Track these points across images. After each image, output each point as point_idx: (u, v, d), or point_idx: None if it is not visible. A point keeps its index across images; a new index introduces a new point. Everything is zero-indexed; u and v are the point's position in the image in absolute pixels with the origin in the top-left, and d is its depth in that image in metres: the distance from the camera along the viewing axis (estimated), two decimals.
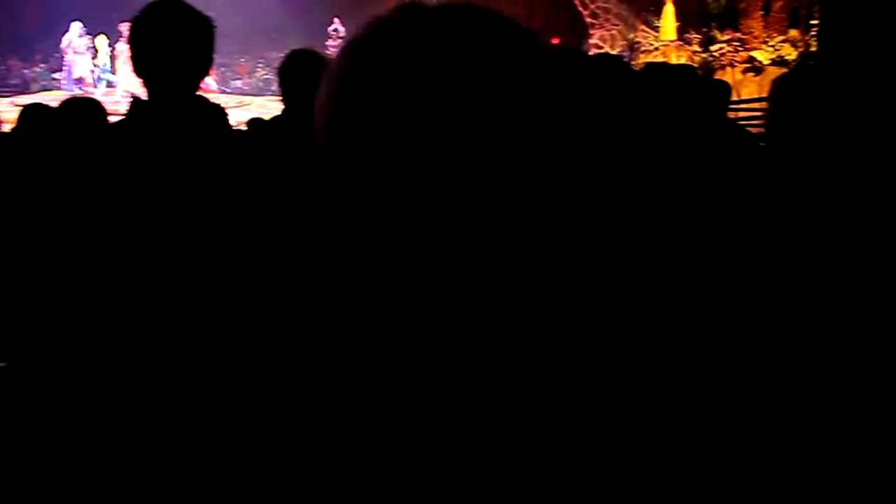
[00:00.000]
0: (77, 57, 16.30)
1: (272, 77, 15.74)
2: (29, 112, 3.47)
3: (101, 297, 1.76)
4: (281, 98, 2.70)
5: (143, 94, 1.90)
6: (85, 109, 3.43)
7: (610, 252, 1.73)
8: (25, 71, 17.33)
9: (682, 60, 13.90)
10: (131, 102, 1.89)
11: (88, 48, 16.39)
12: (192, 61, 1.87)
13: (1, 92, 16.35)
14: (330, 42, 16.79)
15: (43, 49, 17.42)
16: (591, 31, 15.51)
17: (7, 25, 17.13)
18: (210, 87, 13.87)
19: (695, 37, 14.64)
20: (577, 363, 0.64)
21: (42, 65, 17.49)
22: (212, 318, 1.72)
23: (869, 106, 1.85)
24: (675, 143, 2.67)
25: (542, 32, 19.10)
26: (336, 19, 17.43)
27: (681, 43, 14.73)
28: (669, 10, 14.74)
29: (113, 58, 16.43)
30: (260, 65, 17.87)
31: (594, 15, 15.37)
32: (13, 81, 17.20)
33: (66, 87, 16.12)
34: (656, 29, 15.16)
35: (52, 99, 13.42)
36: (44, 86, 16.85)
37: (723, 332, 1.53)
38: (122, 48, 15.74)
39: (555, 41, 17.94)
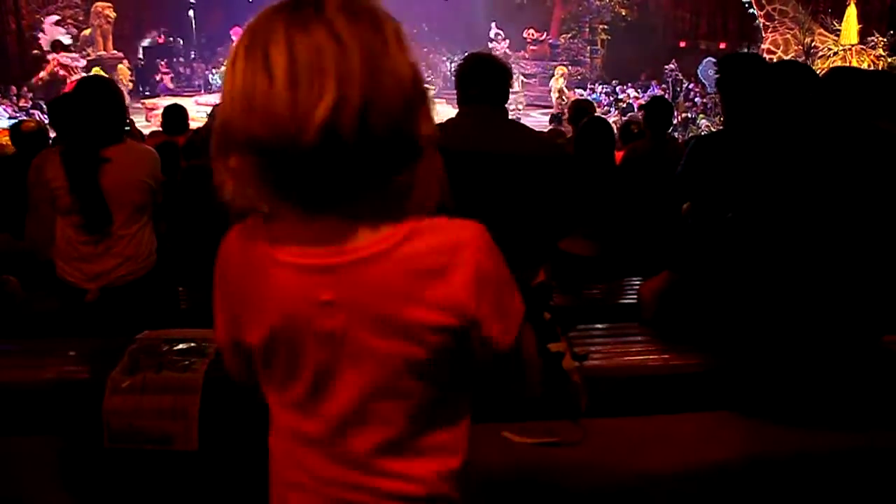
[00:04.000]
0: None
1: (432, 79, 16.17)
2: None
3: None
4: (456, 98, 2.74)
5: None
6: None
7: None
8: (208, 73, 18.60)
9: (864, 65, 12.98)
10: None
11: None
12: None
13: (186, 93, 17.67)
14: (492, 45, 17.28)
15: (225, 52, 18.64)
16: (765, 35, 14.74)
17: (195, 29, 18.47)
18: None
19: (880, 40, 13.60)
20: None
21: (223, 67, 18.72)
22: None
23: None
24: (870, 151, 2.50)
25: (709, 37, 18.46)
26: (493, 24, 18.04)
27: (863, 47, 13.74)
28: (852, 12, 13.77)
29: None
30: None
31: (769, 17, 14.59)
32: (196, 82, 18.52)
33: None
34: (835, 32, 14.21)
35: None
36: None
37: None
38: None
39: (721, 46, 17.26)
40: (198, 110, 14.63)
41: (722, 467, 2.41)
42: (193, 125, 10.67)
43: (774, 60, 10.78)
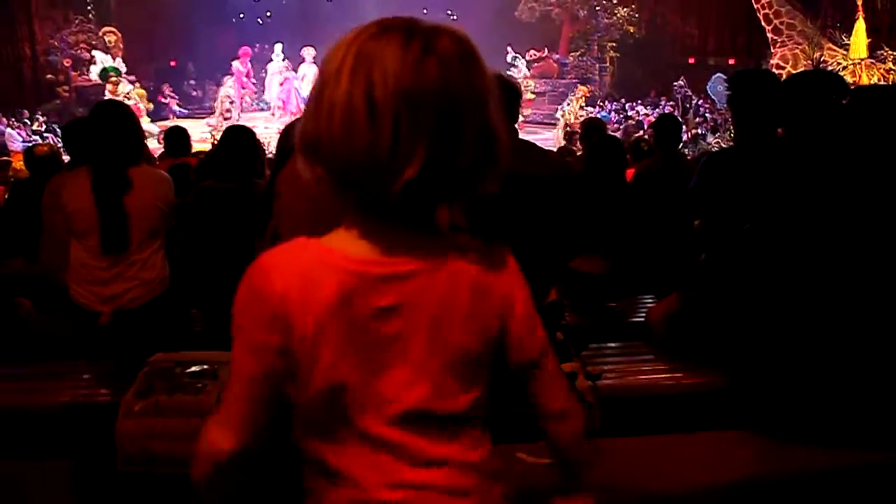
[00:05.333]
0: (276, 78, 17.59)
1: None
2: (229, 133, 3.75)
3: None
4: None
5: None
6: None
7: None
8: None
9: (875, 79, 12.95)
10: None
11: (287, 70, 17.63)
12: None
13: (197, 114, 17.84)
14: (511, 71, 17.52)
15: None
16: (773, 50, 14.73)
17: (206, 52, 18.65)
18: None
19: (889, 53, 13.57)
20: None
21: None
22: None
23: None
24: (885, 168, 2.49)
25: (717, 53, 18.47)
26: (509, 48, 18.24)
27: (872, 61, 13.71)
28: (861, 26, 13.73)
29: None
30: None
31: (777, 31, 14.58)
32: (207, 104, 18.66)
33: (267, 107, 17.52)
34: (844, 46, 14.19)
35: (246, 121, 14.35)
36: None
37: None
38: (305, 70, 16.82)
39: (730, 62, 17.27)
40: (204, 132, 14.79)
41: (737, 486, 2.39)
42: (200, 146, 10.81)
43: (784, 76, 10.78)
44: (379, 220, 0.99)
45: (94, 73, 16.38)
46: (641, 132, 13.21)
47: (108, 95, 15.22)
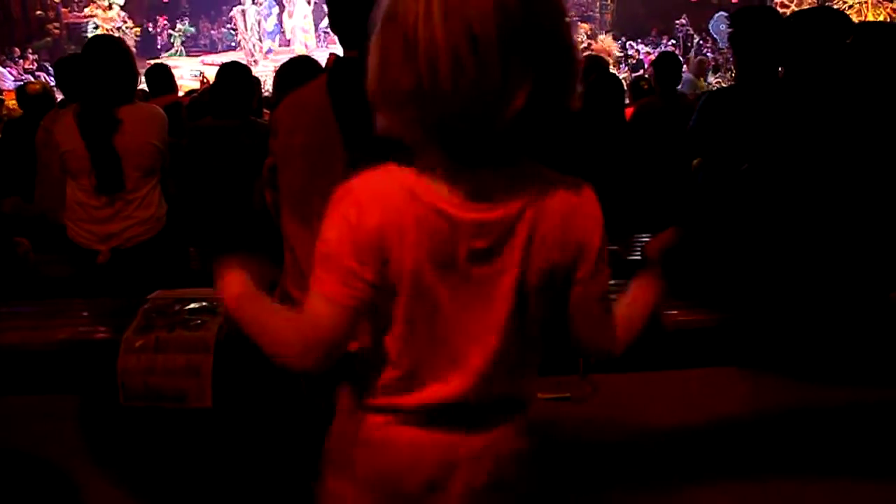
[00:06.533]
0: (260, 15, 17.28)
1: None
2: (226, 70, 3.70)
3: None
4: None
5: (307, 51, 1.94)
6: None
7: None
8: (213, 32, 18.44)
9: (881, 19, 12.75)
10: (334, 58, 1.95)
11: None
12: None
13: (192, 52, 17.60)
14: None
15: (227, 11, 18.45)
16: None
17: None
18: None
19: None
20: None
21: (227, 26, 18.54)
22: None
23: None
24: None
25: None
26: None
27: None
28: None
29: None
30: None
31: None
32: (203, 42, 18.38)
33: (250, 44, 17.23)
34: None
35: (238, 58, 14.15)
36: (229, 45, 17.90)
37: None
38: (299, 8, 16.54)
39: (734, 0, 16.96)
40: (198, 71, 14.58)
41: (728, 422, 2.43)
42: (190, 85, 10.60)
43: (787, 14, 10.59)
44: (468, 161, 0.97)
45: None
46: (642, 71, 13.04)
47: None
